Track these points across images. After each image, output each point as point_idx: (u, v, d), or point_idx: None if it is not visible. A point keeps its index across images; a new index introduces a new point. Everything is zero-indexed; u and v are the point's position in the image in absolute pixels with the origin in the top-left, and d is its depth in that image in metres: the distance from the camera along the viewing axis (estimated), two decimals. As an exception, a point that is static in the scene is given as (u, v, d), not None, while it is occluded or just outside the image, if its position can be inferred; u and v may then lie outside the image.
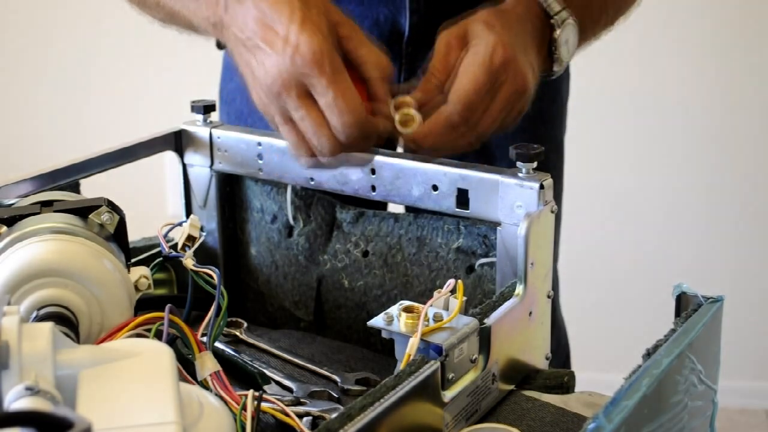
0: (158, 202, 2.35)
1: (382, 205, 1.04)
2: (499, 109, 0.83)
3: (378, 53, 0.83)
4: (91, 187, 0.95)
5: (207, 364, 0.72)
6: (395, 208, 1.03)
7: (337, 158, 0.83)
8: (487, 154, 1.15)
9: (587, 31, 0.93)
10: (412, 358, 0.70)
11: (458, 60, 0.83)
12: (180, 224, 0.86)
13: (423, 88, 0.83)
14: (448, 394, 0.71)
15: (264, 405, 0.72)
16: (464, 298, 0.75)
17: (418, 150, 0.85)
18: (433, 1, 1.09)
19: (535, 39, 0.88)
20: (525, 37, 0.86)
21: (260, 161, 0.97)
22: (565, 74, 1.25)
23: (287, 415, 0.72)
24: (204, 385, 0.72)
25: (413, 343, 0.70)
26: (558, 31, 0.89)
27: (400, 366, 0.70)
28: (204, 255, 1.00)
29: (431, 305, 0.73)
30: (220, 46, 1.02)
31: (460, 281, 0.75)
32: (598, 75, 2.19)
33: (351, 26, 0.82)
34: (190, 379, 0.73)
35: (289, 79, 0.78)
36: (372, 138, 0.82)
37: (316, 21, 0.78)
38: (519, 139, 0.87)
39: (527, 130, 1.17)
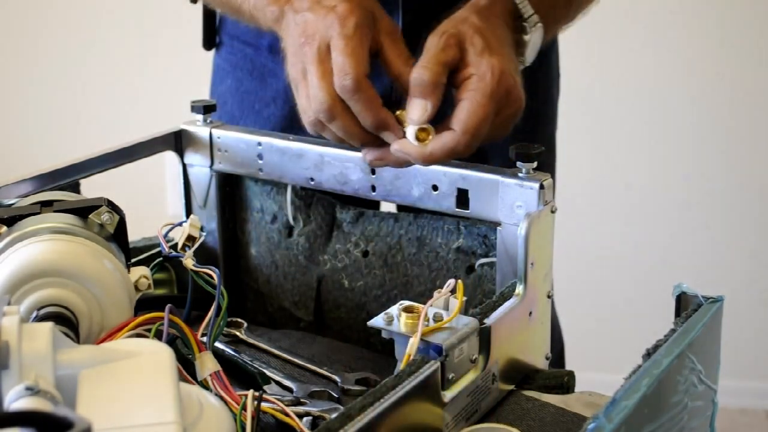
0: (158, 202, 2.35)
1: (374, 205, 1.04)
2: (496, 131, 0.82)
3: (407, 53, 0.84)
4: (91, 187, 0.95)
5: (207, 364, 0.72)
6: (388, 207, 1.03)
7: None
8: (479, 152, 1.14)
9: (548, 32, 0.92)
10: (412, 358, 0.70)
11: (453, 62, 0.80)
12: (180, 224, 0.86)
13: (420, 93, 0.80)
14: (448, 394, 0.71)
15: (264, 405, 0.72)
16: (464, 298, 0.75)
17: (414, 161, 0.84)
18: (426, 0, 1.09)
19: (513, 42, 0.87)
20: (507, 43, 0.85)
21: (260, 161, 0.97)
22: (556, 73, 1.24)
23: (287, 415, 0.72)
24: (204, 385, 0.72)
25: (413, 343, 0.70)
26: (528, 35, 0.87)
27: (400, 366, 0.70)
28: (204, 255, 1.00)
29: (431, 305, 0.73)
30: (210, 46, 1.03)
31: (460, 281, 0.75)
32: (599, 74, 2.19)
33: (394, 25, 0.85)
34: (190, 379, 0.73)
35: (314, 32, 0.81)
36: (368, 105, 0.80)
37: (364, 3, 0.82)
38: (511, 138, 0.87)
39: (519, 129, 1.17)
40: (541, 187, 0.81)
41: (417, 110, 0.79)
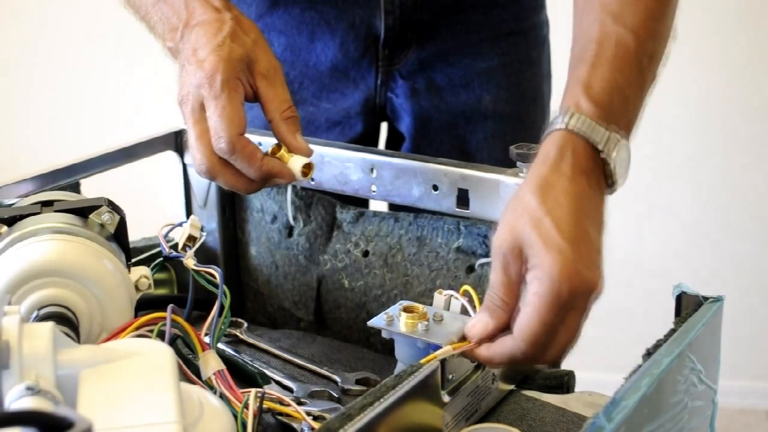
0: (158, 202, 2.35)
1: (368, 204, 1.04)
2: (567, 337, 0.71)
3: (283, 95, 0.84)
4: (91, 187, 0.95)
5: (210, 363, 0.72)
6: (382, 207, 1.03)
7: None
8: (466, 158, 1.13)
9: (632, 127, 0.82)
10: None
11: (519, 276, 0.70)
12: (180, 224, 0.86)
13: (488, 310, 0.72)
14: (448, 394, 0.71)
15: (270, 403, 0.72)
16: (465, 300, 0.75)
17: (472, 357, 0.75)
18: (407, 2, 1.09)
19: (592, 198, 0.73)
20: (584, 210, 0.71)
21: (260, 161, 0.97)
22: (546, 72, 1.22)
23: (287, 409, 0.72)
24: (208, 383, 0.72)
25: (447, 350, 0.69)
26: (611, 164, 0.75)
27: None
28: (204, 255, 1.00)
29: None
30: None
31: (468, 287, 0.75)
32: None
33: (271, 67, 0.84)
34: (193, 377, 0.73)
35: (188, 92, 0.83)
36: (249, 162, 0.82)
37: (230, 48, 0.82)
38: (499, 142, 0.86)
39: (507, 132, 1.16)
40: (542, 187, 0.81)
41: (478, 325, 0.72)
